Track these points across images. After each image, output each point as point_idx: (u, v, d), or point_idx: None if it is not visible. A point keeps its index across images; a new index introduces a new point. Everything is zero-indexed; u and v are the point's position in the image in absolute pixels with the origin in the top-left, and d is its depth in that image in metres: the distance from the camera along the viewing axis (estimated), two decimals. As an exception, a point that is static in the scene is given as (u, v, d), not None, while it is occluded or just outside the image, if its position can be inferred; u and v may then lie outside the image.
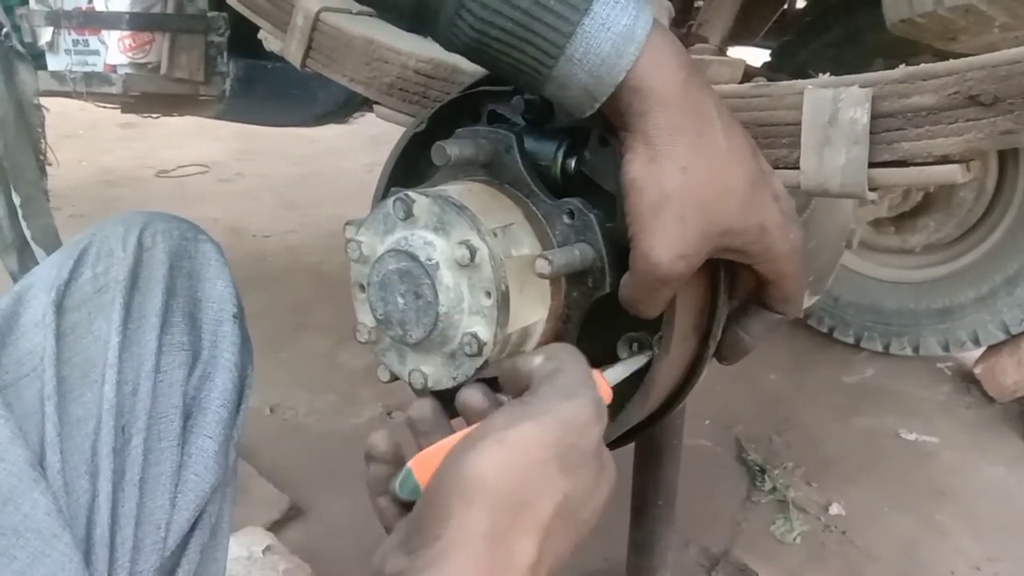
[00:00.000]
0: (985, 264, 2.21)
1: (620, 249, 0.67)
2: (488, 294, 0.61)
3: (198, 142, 4.53)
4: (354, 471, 1.76)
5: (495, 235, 0.63)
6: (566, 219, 0.67)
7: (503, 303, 0.61)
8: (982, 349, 2.24)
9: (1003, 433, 2.08)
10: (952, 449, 1.99)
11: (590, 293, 0.68)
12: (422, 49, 0.95)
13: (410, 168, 0.79)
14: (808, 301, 1.34)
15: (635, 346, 0.69)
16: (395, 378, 0.69)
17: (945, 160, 0.65)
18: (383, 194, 0.78)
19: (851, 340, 2.43)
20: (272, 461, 1.80)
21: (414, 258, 0.62)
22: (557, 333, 0.70)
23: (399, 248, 0.63)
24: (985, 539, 1.66)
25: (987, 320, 2.18)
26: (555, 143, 0.69)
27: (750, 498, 1.77)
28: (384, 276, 0.64)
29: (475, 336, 0.61)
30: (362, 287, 0.68)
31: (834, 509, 1.73)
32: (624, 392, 0.69)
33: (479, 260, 0.60)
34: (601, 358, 0.70)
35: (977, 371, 2.24)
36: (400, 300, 0.63)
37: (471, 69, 0.89)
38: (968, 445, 2.02)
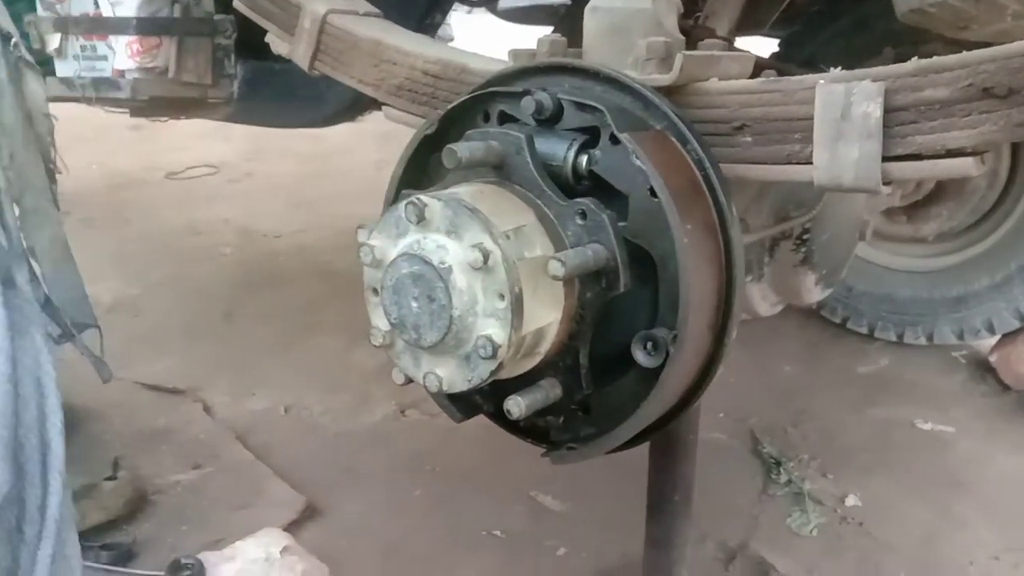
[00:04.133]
0: (999, 251, 2.19)
1: (633, 248, 0.67)
2: (502, 296, 0.61)
3: (208, 144, 4.53)
4: (370, 470, 1.78)
5: (508, 237, 0.62)
6: (578, 220, 0.67)
7: (517, 305, 0.61)
8: (997, 337, 2.22)
9: (1019, 421, 2.06)
10: (968, 438, 1.98)
11: (604, 293, 0.68)
12: (430, 50, 0.95)
13: (420, 170, 0.79)
14: (822, 293, 1.34)
15: (650, 345, 0.68)
16: (410, 380, 0.70)
17: (959, 153, 0.65)
18: (394, 197, 0.78)
19: (865, 330, 2.41)
20: (287, 461, 1.80)
21: (427, 262, 0.62)
22: (571, 333, 0.70)
23: (412, 252, 0.63)
24: (1003, 529, 1.65)
25: (1002, 308, 2.17)
26: (566, 143, 0.69)
27: (766, 491, 1.76)
28: (397, 280, 0.64)
29: (489, 339, 0.62)
30: (375, 291, 0.68)
31: (850, 500, 1.73)
32: (639, 392, 0.69)
33: (492, 263, 0.60)
34: (617, 359, 0.70)
35: (992, 359, 2.22)
36: (414, 304, 0.64)
37: (480, 70, 0.89)
38: (984, 434, 2.00)
